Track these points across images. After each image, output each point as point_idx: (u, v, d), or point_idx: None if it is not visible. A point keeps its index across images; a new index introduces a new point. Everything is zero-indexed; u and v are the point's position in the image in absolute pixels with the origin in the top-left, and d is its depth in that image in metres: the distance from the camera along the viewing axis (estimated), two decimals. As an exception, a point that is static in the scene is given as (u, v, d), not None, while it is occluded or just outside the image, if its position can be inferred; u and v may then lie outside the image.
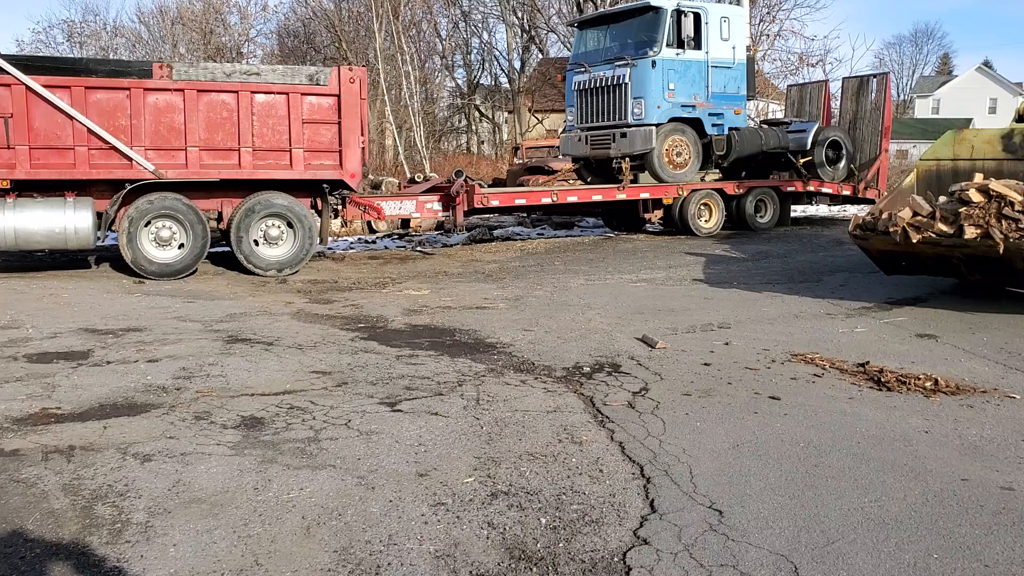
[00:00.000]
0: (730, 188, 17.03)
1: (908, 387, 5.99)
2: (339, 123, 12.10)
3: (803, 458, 4.63)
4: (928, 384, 6.02)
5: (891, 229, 8.63)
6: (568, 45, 32.85)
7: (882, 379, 6.17)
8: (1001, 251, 7.84)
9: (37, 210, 10.88)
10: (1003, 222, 7.88)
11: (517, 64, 44.39)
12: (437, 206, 14.41)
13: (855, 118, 19.40)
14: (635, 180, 16.32)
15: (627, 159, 15.92)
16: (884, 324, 8.28)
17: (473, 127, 47.65)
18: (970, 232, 7.99)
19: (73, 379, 6.24)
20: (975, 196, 8.13)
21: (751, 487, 4.23)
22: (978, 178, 8.49)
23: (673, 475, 4.37)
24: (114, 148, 11.17)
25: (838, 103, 20.50)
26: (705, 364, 6.71)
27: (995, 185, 8.10)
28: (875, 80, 19.56)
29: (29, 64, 11.11)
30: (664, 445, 4.80)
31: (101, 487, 4.22)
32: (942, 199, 8.76)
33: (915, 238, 8.41)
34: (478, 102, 46.75)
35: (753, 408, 5.54)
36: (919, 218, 8.50)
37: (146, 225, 11.40)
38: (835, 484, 4.26)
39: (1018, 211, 7.87)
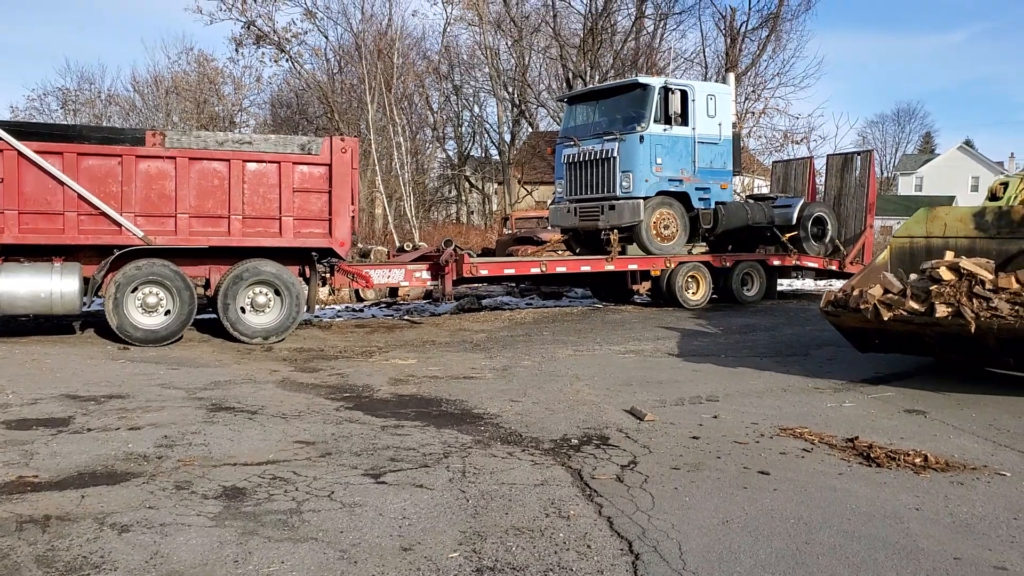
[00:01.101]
0: (717, 261, 17.17)
1: (898, 463, 5.94)
2: (330, 192, 12.18)
3: (793, 535, 4.56)
4: (918, 460, 5.98)
5: (862, 306, 8.58)
6: (558, 119, 33.44)
7: (871, 455, 6.12)
8: (972, 330, 7.74)
9: (23, 275, 10.83)
10: (974, 301, 7.83)
11: (507, 137, 45.06)
12: (426, 275, 14.44)
13: (840, 194, 19.70)
14: (623, 252, 16.45)
15: (615, 231, 16.07)
16: (872, 399, 8.26)
17: (463, 197, 48.12)
18: (941, 311, 7.93)
19: (52, 446, 6.13)
20: (946, 274, 8.13)
21: (741, 564, 4.15)
22: (949, 256, 8.50)
23: (662, 551, 4.29)
24: (104, 214, 11.18)
25: (823, 179, 20.85)
26: (694, 437, 6.66)
27: (966, 263, 8.12)
28: (859, 157, 19.92)
29: (22, 130, 11.18)
30: (653, 520, 4.73)
31: (76, 559, 4.11)
32: (913, 277, 8.74)
33: (886, 316, 8.35)
34: (468, 173, 47.30)
35: (743, 483, 5.48)
36: (890, 295, 8.46)
37: (133, 291, 11.36)
38: (826, 562, 4.19)
39: (989, 290, 7.85)
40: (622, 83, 17.65)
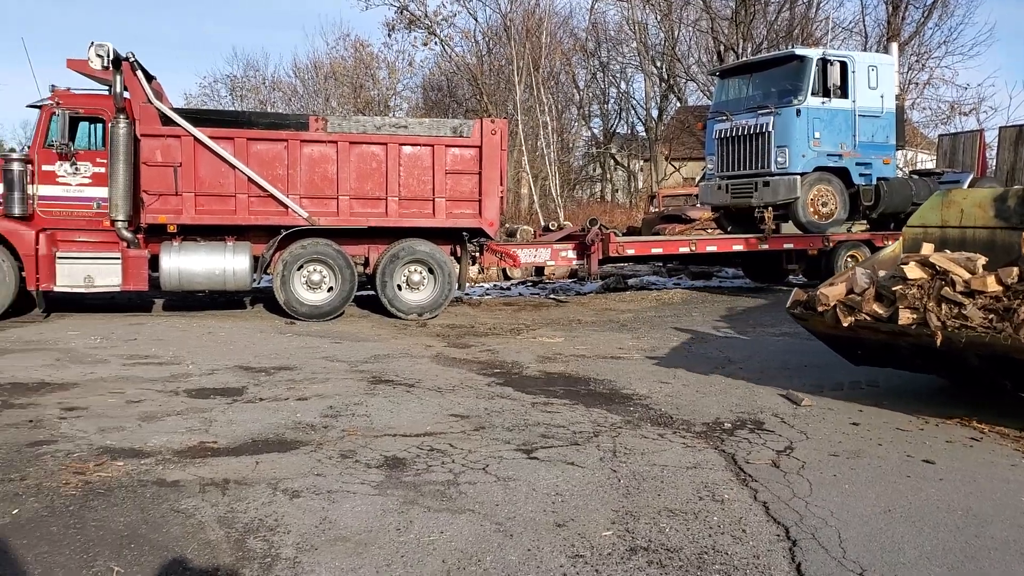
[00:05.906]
0: (879, 240, 16.36)
1: (1079, 457, 5.56)
2: (480, 173, 12.42)
3: (961, 527, 4.36)
4: (1103, 455, 5.57)
5: (819, 308, 7.21)
6: (708, 93, 32.71)
7: (1050, 447, 5.75)
8: (939, 342, 6.29)
9: (200, 253, 11.62)
10: (943, 306, 6.41)
11: (655, 112, 44.36)
12: (571, 254, 14.49)
13: (1013, 169, 18.46)
14: (777, 230, 15.96)
15: (770, 208, 15.61)
16: (1051, 388, 7.73)
17: (608, 176, 47.79)
18: (904, 316, 6.49)
19: (228, 414, 6.57)
20: (912, 272, 6.71)
21: (904, 555, 4.02)
22: (927, 249, 7.11)
23: (820, 539, 4.20)
24: (272, 196, 11.82)
25: (994, 153, 19.56)
26: (853, 424, 6.45)
27: (938, 258, 6.73)
28: (1037, 129, 18.57)
29: (197, 117, 11.94)
30: (810, 507, 4.63)
31: (253, 520, 4.40)
32: (882, 273, 7.29)
33: (846, 321, 6.97)
34: (614, 151, 46.92)
35: (905, 472, 5.27)
36: (853, 296, 7.03)
37: (298, 269, 11.97)
38: (999, 556, 4.00)
39: (960, 292, 6.38)
40: (778, 55, 17.06)
